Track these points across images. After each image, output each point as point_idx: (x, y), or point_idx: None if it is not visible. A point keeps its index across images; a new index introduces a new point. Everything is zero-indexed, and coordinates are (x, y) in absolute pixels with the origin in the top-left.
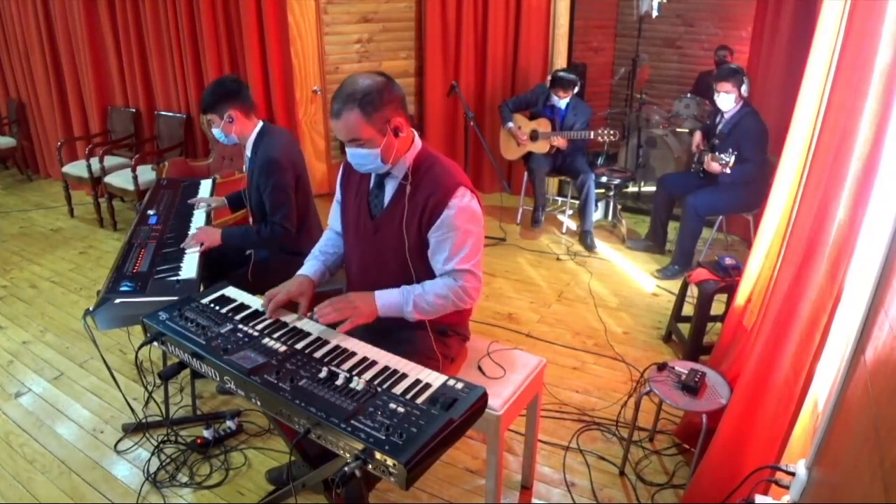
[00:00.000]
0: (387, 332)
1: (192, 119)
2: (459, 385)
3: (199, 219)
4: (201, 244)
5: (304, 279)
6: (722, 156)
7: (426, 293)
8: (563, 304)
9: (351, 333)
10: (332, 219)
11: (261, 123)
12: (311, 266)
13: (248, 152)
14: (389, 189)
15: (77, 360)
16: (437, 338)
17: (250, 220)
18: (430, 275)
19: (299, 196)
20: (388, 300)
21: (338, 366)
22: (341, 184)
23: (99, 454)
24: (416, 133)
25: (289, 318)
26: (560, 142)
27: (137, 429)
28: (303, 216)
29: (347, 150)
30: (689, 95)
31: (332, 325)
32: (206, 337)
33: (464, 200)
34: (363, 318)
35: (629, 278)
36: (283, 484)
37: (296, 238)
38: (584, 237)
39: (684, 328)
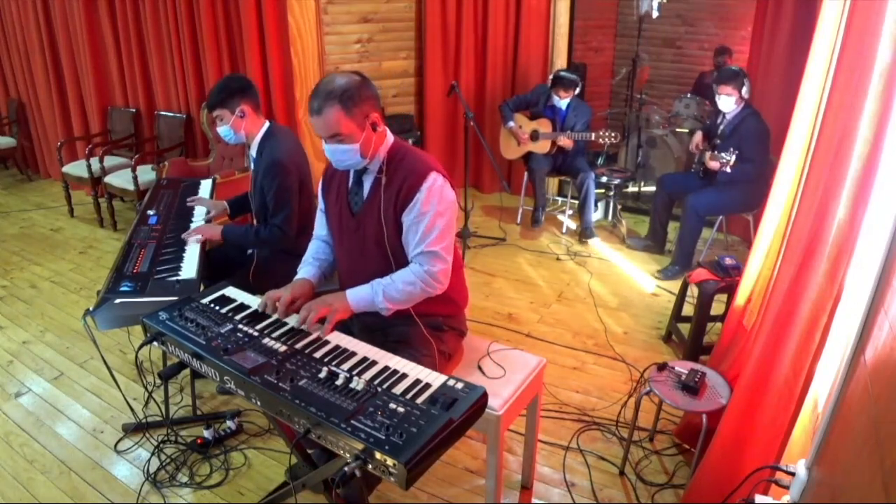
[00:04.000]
0: (382, 329)
1: (193, 119)
2: (459, 385)
3: (199, 220)
4: (200, 237)
5: (304, 282)
6: (722, 154)
7: (395, 282)
8: (562, 304)
9: (347, 332)
10: (318, 228)
11: (268, 123)
12: (308, 270)
13: (252, 152)
14: (367, 184)
15: (77, 360)
16: (432, 333)
17: (254, 221)
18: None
19: (303, 199)
20: (358, 295)
21: (338, 366)
22: (323, 191)
23: (99, 454)
24: (387, 129)
25: (289, 319)
26: (566, 142)
27: (137, 429)
28: (306, 218)
29: (327, 146)
30: (689, 95)
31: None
32: (206, 337)
33: (436, 184)
34: (339, 315)
35: (629, 278)
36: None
37: (297, 240)
38: (582, 231)
39: (684, 328)
